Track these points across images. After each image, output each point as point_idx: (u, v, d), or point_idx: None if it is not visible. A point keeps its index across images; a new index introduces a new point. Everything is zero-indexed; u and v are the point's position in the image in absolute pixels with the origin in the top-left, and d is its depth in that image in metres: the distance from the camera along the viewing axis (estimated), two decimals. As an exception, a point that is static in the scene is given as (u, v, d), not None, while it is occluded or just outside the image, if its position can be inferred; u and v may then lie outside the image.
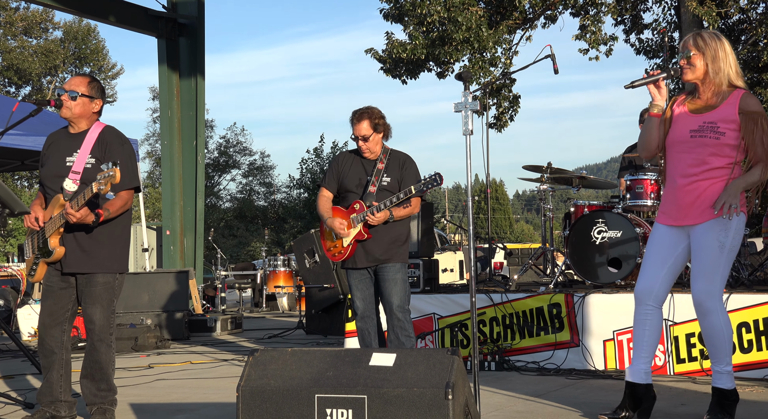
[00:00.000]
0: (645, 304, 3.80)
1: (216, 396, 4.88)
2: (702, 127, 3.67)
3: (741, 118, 3.62)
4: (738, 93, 3.67)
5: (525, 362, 5.58)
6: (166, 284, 8.88)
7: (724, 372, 3.69)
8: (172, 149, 11.72)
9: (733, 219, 3.62)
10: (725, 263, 3.63)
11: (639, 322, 3.82)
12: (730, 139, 3.63)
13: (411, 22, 13.92)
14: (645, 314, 3.80)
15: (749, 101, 3.64)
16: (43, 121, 7.90)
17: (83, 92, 4.07)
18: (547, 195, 6.57)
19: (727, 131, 3.63)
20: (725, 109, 3.66)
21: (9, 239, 24.05)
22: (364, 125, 4.66)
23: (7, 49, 38.25)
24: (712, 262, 3.61)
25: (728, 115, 3.64)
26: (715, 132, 3.64)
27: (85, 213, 3.85)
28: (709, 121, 3.66)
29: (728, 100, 3.66)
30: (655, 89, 3.75)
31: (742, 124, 3.61)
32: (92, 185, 3.75)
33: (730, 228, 3.62)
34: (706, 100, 3.72)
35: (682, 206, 3.70)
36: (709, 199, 3.63)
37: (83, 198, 3.81)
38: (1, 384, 5.46)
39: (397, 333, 4.63)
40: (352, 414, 2.97)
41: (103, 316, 4.01)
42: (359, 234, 4.63)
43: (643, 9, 15.72)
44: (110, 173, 3.69)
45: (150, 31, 11.71)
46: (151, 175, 38.25)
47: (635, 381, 3.76)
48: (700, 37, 3.69)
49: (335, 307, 8.20)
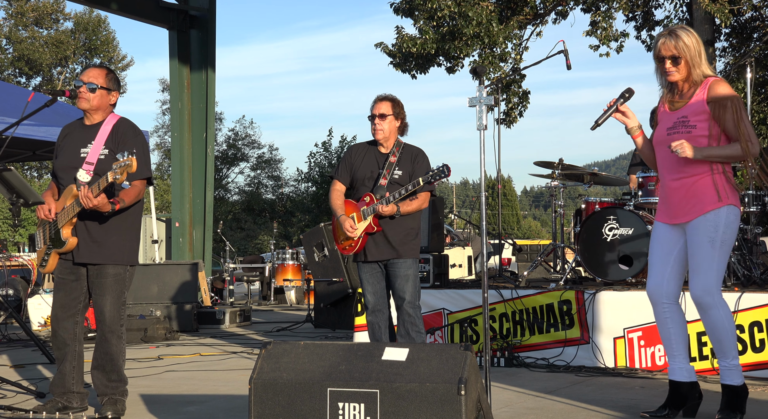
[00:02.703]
0: (660, 303, 3.82)
1: (225, 388, 4.91)
2: (675, 124, 3.72)
3: (710, 107, 3.63)
4: (706, 82, 3.69)
5: (534, 358, 5.59)
6: (175, 276, 8.93)
7: (731, 368, 3.69)
8: (182, 141, 11.75)
9: (720, 214, 3.62)
10: (719, 258, 3.64)
11: (660, 323, 3.85)
12: (702, 131, 3.64)
13: (421, 17, 13.90)
14: (663, 313, 3.82)
15: (716, 87, 3.65)
16: (55, 111, 7.92)
17: (102, 84, 4.09)
18: (558, 191, 6.56)
19: (698, 123, 3.65)
20: (695, 101, 3.69)
21: (19, 229, 24.19)
22: (385, 105, 4.71)
23: (18, 39, 38.47)
24: (705, 259, 3.63)
25: (698, 107, 3.67)
26: (686, 126, 3.67)
27: (102, 200, 3.86)
28: (681, 116, 3.70)
29: (697, 92, 3.69)
30: (621, 116, 3.83)
31: (712, 112, 3.63)
32: (108, 174, 3.76)
33: (720, 223, 3.63)
34: (682, 96, 3.75)
35: (673, 204, 3.75)
36: (696, 196, 3.66)
37: (98, 187, 3.82)
38: (13, 373, 5.50)
39: (407, 328, 4.65)
40: (364, 408, 2.99)
41: (113, 308, 4.04)
42: (369, 226, 4.64)
43: (655, 5, 15.65)
44: (126, 162, 3.71)
45: (161, 23, 11.73)
46: (160, 167, 38.41)
47: (677, 380, 3.78)
48: (678, 40, 3.70)
49: (344, 301, 8.23)
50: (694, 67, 3.68)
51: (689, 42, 3.68)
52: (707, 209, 3.64)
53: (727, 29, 14.90)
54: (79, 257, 4.04)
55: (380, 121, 4.70)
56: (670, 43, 3.71)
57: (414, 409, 2.95)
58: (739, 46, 15.77)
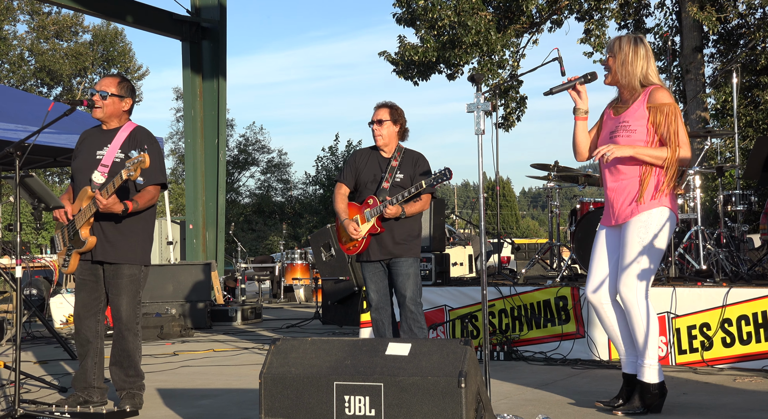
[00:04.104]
0: (600, 306, 3.87)
1: (238, 382, 5.03)
2: (617, 128, 3.80)
3: (650, 112, 3.72)
4: (647, 89, 3.78)
5: (532, 352, 5.73)
6: (189, 275, 9.11)
7: (646, 366, 3.75)
8: (195, 147, 11.98)
9: (652, 216, 3.69)
10: (648, 259, 3.68)
11: (604, 323, 3.91)
12: (642, 135, 3.73)
13: (423, 26, 14.23)
14: (605, 315, 3.87)
15: (657, 95, 3.74)
16: (75, 119, 8.12)
17: (113, 92, 4.22)
18: (554, 192, 6.71)
19: (638, 128, 3.74)
20: (636, 106, 3.78)
21: (41, 232, 24.47)
22: (383, 111, 4.86)
23: (39, 51, 39.23)
24: (632, 258, 3.68)
25: (638, 112, 3.76)
26: (627, 130, 3.76)
27: (113, 200, 3.96)
28: (623, 121, 3.79)
29: (639, 98, 3.79)
30: (575, 94, 3.88)
31: (651, 117, 3.71)
32: (121, 172, 3.86)
33: (651, 224, 3.69)
34: (625, 101, 3.85)
35: (612, 206, 3.84)
36: (632, 197, 3.74)
37: (113, 186, 3.93)
38: (37, 369, 5.65)
39: (409, 324, 4.77)
40: (369, 401, 3.05)
41: (129, 307, 4.15)
42: (372, 228, 4.78)
43: (646, 14, 15.95)
44: (139, 158, 3.81)
45: (174, 35, 11.98)
46: (174, 172, 38.76)
47: (629, 372, 3.89)
48: (618, 42, 3.81)
49: (350, 299, 8.38)
50: (623, 74, 3.75)
51: (624, 46, 3.77)
52: (641, 210, 3.71)
53: (714, 36, 15.17)
54: (96, 255, 4.16)
55: (378, 127, 4.84)
56: (609, 44, 3.85)
57: (416, 401, 2.99)
58: (727, 52, 16.02)
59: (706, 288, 5.22)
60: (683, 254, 5.77)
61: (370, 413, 3.05)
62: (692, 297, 5.20)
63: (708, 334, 5.10)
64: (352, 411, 3.06)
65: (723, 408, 3.93)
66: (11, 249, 9.78)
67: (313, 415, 3.12)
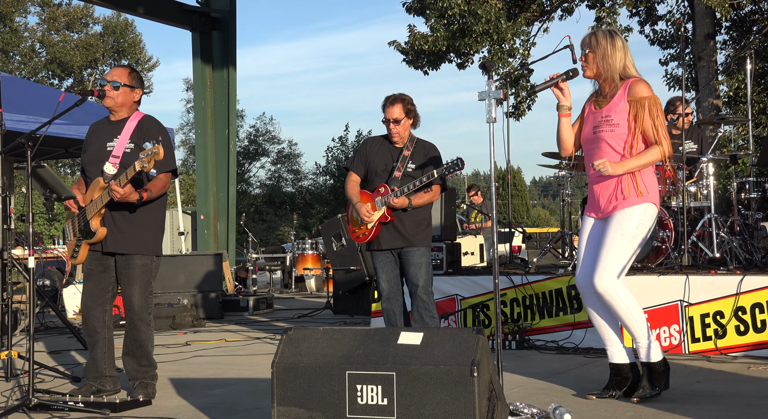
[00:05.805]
0: (589, 294, 3.90)
1: (250, 372, 5.06)
2: (600, 122, 3.80)
3: (630, 105, 3.72)
4: (627, 82, 3.77)
5: (544, 341, 5.73)
6: (201, 266, 9.17)
7: (643, 346, 3.78)
8: (206, 138, 12.02)
9: (635, 210, 3.71)
10: (625, 250, 3.71)
11: (590, 312, 3.94)
12: (625, 129, 3.74)
13: (432, 15, 14.18)
14: (593, 303, 3.90)
15: (636, 88, 3.73)
16: (86, 110, 8.17)
17: (125, 82, 4.25)
18: (566, 181, 6.69)
19: (621, 122, 3.74)
20: (616, 100, 3.78)
21: (54, 223, 24.64)
22: (397, 109, 4.81)
23: (50, 43, 39.47)
24: (611, 248, 3.70)
25: (619, 106, 3.75)
26: (610, 124, 3.76)
27: (129, 190, 3.99)
28: (605, 115, 3.79)
29: (619, 92, 3.78)
30: (558, 91, 3.89)
31: (632, 111, 3.71)
32: (135, 163, 3.89)
33: (634, 218, 3.72)
34: (605, 95, 3.84)
35: (598, 200, 3.85)
36: (619, 192, 3.76)
37: (125, 177, 3.96)
38: (50, 359, 5.70)
39: (421, 313, 4.77)
40: (381, 390, 3.04)
41: (141, 297, 4.18)
42: (383, 216, 4.78)
43: (658, 1, 15.81)
44: (154, 150, 3.83)
45: (184, 25, 12.01)
46: (185, 163, 38.92)
47: (616, 363, 3.90)
48: (593, 36, 3.81)
49: (361, 288, 8.40)
50: (604, 67, 3.76)
51: (601, 40, 3.77)
52: (627, 206, 3.74)
53: (727, 23, 15.08)
54: (107, 246, 4.18)
55: (395, 126, 4.81)
56: (585, 39, 3.84)
57: (429, 391, 2.98)
58: (739, 38, 15.90)
59: (719, 276, 5.20)
60: (696, 242, 5.74)
61: (383, 402, 3.05)
62: (706, 285, 5.18)
63: (721, 322, 5.08)
64: (365, 400, 3.06)
65: (737, 396, 3.93)
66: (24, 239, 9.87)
67: (326, 404, 3.12)
